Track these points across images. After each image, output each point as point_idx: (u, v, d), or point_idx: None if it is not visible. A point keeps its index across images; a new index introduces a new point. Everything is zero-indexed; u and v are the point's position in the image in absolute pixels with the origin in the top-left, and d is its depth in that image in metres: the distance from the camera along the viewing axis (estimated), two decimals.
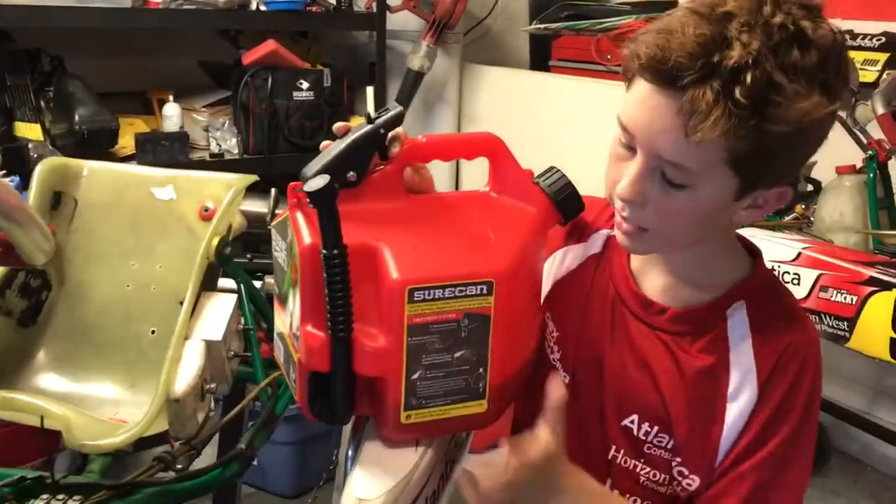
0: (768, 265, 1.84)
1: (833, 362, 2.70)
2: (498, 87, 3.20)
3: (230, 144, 2.83)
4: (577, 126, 2.71)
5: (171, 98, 2.75)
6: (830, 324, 1.79)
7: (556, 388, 0.94)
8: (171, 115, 2.73)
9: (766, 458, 0.90)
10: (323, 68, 2.88)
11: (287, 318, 0.94)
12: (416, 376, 0.87)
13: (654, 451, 0.96)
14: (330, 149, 0.90)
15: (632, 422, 0.98)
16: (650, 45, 0.82)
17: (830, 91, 0.82)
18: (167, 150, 2.64)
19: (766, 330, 0.93)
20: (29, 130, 2.49)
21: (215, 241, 1.31)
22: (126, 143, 2.66)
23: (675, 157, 0.83)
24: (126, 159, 2.64)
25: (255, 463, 2.44)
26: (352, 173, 0.89)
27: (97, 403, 1.35)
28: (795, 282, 1.84)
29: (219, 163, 2.75)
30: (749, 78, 0.78)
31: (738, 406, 0.91)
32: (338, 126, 0.94)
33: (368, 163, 0.91)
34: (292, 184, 0.91)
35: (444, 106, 3.26)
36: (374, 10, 2.93)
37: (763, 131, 0.79)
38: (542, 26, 3.04)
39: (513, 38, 3.58)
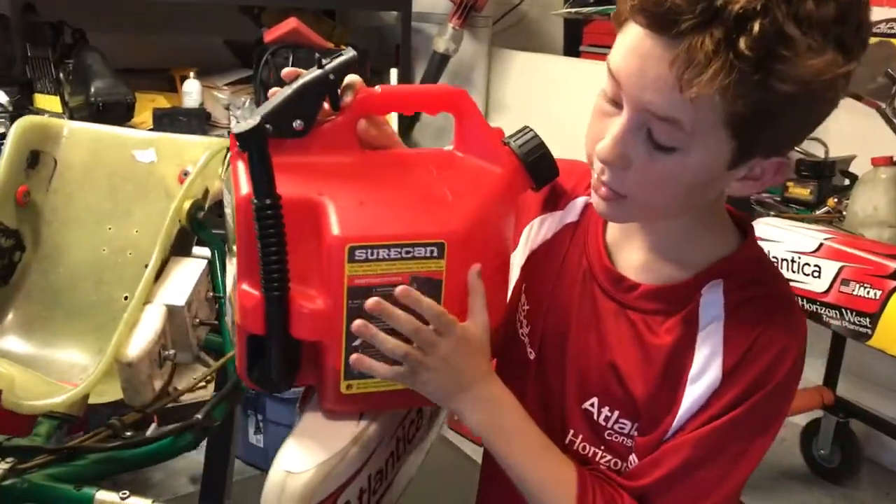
0: (787, 255, 1.74)
1: (864, 366, 2.58)
2: (527, 73, 3.12)
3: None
4: None
5: (191, 75, 2.72)
6: (852, 320, 1.67)
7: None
8: (191, 91, 2.70)
9: (708, 436, 0.80)
10: (345, 47, 2.82)
11: (231, 277, 0.88)
12: (357, 343, 0.81)
13: (615, 437, 0.88)
14: (276, 95, 0.84)
15: (591, 405, 0.89)
16: None
17: (846, 49, 0.71)
18: (185, 126, 2.62)
19: (743, 312, 0.82)
20: (48, 102, 2.49)
21: (187, 205, 1.26)
22: (145, 118, 2.65)
23: (665, 113, 0.73)
24: None
25: (260, 445, 2.44)
26: (298, 122, 0.82)
27: (65, 368, 1.31)
28: (816, 274, 1.72)
29: None
30: (757, 27, 0.67)
31: (697, 389, 0.82)
32: (286, 71, 0.87)
33: (316, 110, 0.83)
34: (233, 132, 0.85)
35: (472, 90, 3.18)
36: None
37: (767, 90, 0.69)
38: (573, 10, 2.94)
39: (547, 23, 3.49)
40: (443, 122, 2.67)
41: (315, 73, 0.82)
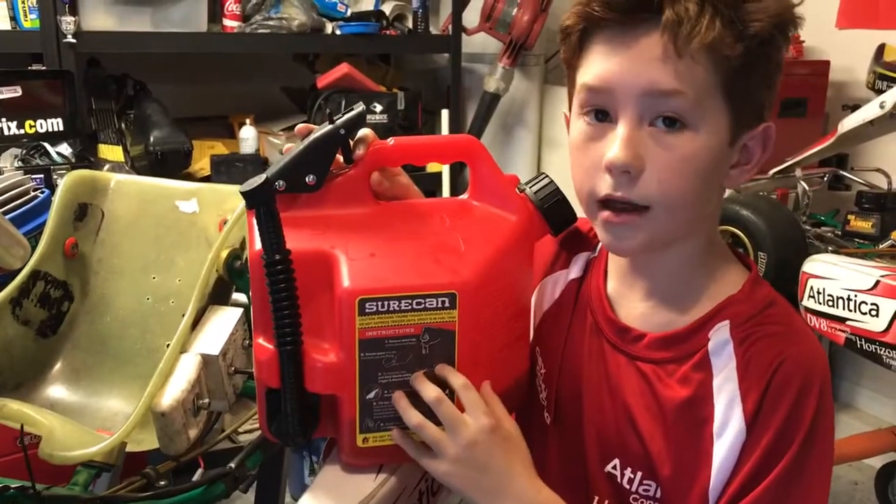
0: (843, 293, 1.68)
1: None
2: None
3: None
4: None
5: (248, 122, 2.79)
6: None
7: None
8: (248, 137, 2.77)
9: (763, 494, 0.76)
10: (397, 91, 2.87)
11: None
12: (371, 396, 0.81)
13: (641, 501, 0.84)
14: (290, 151, 0.85)
15: (614, 467, 0.86)
16: None
17: None
18: (241, 172, 2.68)
19: (753, 347, 0.79)
20: (111, 152, 2.59)
21: (224, 254, 1.28)
22: (204, 164, 2.73)
23: (670, 84, 0.75)
24: (203, 180, 2.70)
25: (306, 483, 2.44)
26: (311, 176, 0.83)
27: (108, 417, 1.34)
28: (873, 313, 1.64)
29: None
30: None
31: (725, 443, 0.78)
32: (300, 127, 0.89)
33: (328, 165, 0.84)
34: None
35: (524, 129, 3.19)
36: (450, 32, 2.90)
37: (747, 33, 0.74)
38: None
39: None
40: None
41: (326, 128, 0.83)
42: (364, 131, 0.86)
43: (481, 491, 0.78)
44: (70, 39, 2.33)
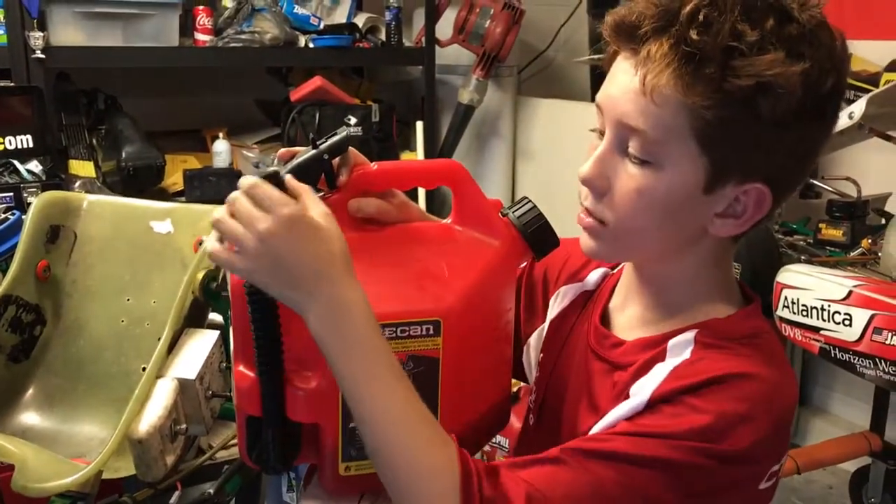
0: (816, 304, 1.69)
1: None
2: (553, 120, 3.11)
3: None
4: None
5: (221, 135, 2.77)
6: (886, 370, 1.61)
7: None
8: (221, 151, 2.75)
9: (587, 442, 0.75)
10: (371, 104, 2.86)
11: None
12: (354, 424, 0.79)
13: None
14: None
15: None
16: (618, 11, 0.77)
17: (806, 60, 0.72)
18: (215, 186, 2.66)
19: (711, 352, 0.78)
20: (81, 168, 2.56)
21: (200, 276, 1.26)
22: (176, 179, 2.70)
23: (636, 121, 0.75)
24: (176, 195, 2.68)
25: (285, 500, 2.41)
26: None
27: (82, 443, 1.32)
28: (847, 323, 1.67)
29: None
30: (703, 17, 0.71)
31: (619, 409, 0.77)
32: (281, 152, 0.88)
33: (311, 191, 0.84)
34: None
35: (498, 140, 3.20)
36: (424, 44, 2.90)
37: (724, 89, 0.71)
38: (597, 56, 2.94)
39: (576, 70, 3.49)
40: None
41: (310, 153, 0.83)
42: (350, 152, 0.85)
43: (289, 285, 0.71)
44: (39, 55, 2.30)
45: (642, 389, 0.77)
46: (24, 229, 1.34)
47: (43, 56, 2.31)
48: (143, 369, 1.38)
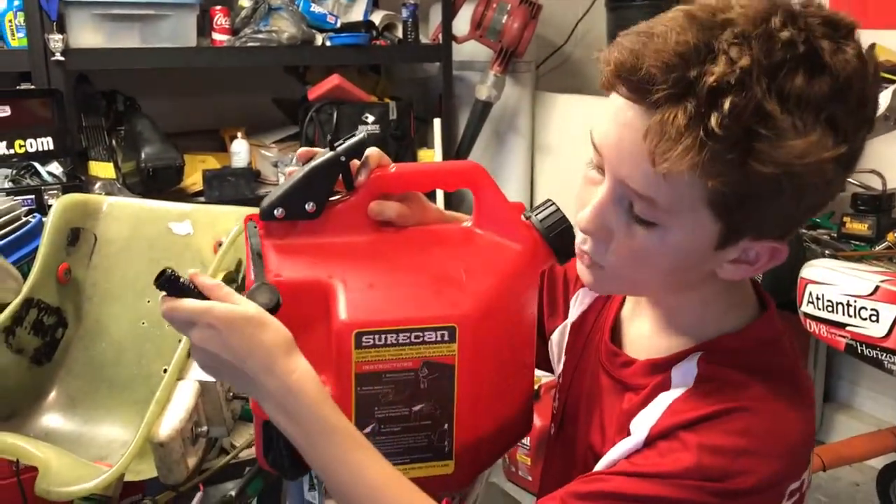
0: (842, 299, 1.67)
1: None
2: (572, 116, 3.09)
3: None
4: None
5: (239, 135, 2.77)
6: None
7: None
8: (239, 151, 2.75)
9: (584, 483, 0.73)
10: (389, 101, 2.86)
11: None
12: (367, 430, 0.79)
13: None
14: (290, 178, 0.84)
15: None
16: (624, 50, 0.68)
17: (839, 130, 0.65)
18: (233, 186, 2.66)
19: (707, 388, 0.74)
20: (101, 169, 2.57)
21: (219, 277, 1.26)
22: (196, 179, 2.71)
23: (642, 189, 0.69)
24: (196, 195, 2.69)
25: (315, 502, 2.42)
26: (310, 204, 0.82)
27: (104, 445, 1.32)
28: (874, 318, 1.64)
29: None
30: (728, 104, 0.63)
31: (617, 448, 0.75)
32: (300, 152, 0.87)
33: (328, 193, 0.83)
34: (248, 214, 0.86)
35: (516, 135, 3.18)
36: (441, 41, 2.89)
37: (745, 171, 0.64)
38: None
39: (592, 65, 3.45)
40: None
41: (327, 155, 0.82)
42: (371, 152, 0.84)
43: (238, 382, 0.74)
44: (58, 57, 2.32)
45: (641, 426, 0.75)
46: (45, 232, 1.35)
47: (62, 58, 2.32)
48: (164, 371, 1.38)
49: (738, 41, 0.65)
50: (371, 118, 2.79)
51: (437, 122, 2.94)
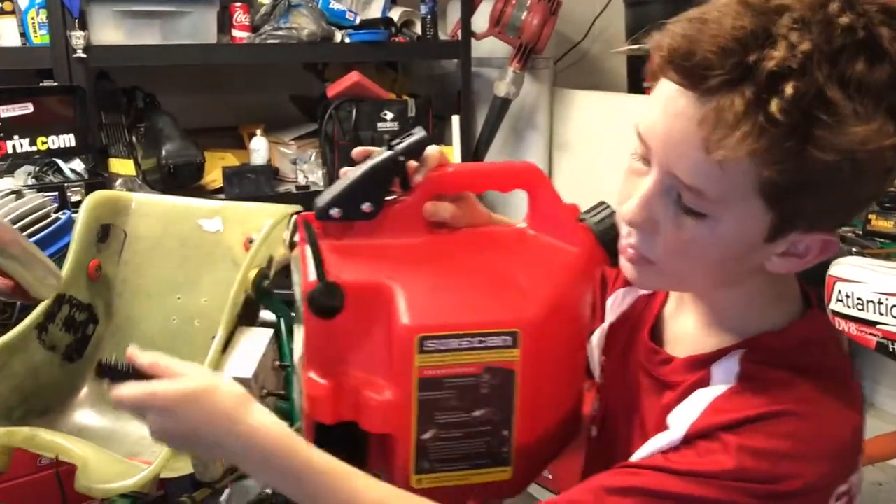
0: (873, 297, 1.65)
1: None
2: (590, 112, 3.08)
3: (316, 177, 2.83)
4: None
5: (258, 132, 2.77)
6: None
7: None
8: (258, 148, 2.75)
9: (612, 477, 0.72)
10: (408, 99, 2.85)
11: (298, 347, 0.87)
12: (427, 436, 0.78)
13: None
14: (346, 177, 0.83)
15: None
16: (677, 36, 0.67)
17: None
18: (253, 183, 2.66)
19: (753, 382, 0.72)
20: (122, 166, 2.57)
21: (252, 274, 1.26)
22: (215, 176, 2.71)
23: (693, 180, 0.68)
24: (215, 192, 2.68)
25: None
26: (367, 204, 0.81)
27: (136, 441, 1.32)
28: None
29: (304, 195, 2.74)
30: (790, 88, 0.61)
31: (654, 442, 0.74)
32: (356, 151, 0.86)
33: (385, 193, 0.82)
34: (303, 214, 0.84)
35: (535, 132, 3.17)
36: (459, 37, 2.88)
37: (804, 158, 0.63)
38: (635, 47, 2.90)
39: (611, 61, 3.46)
40: None
41: (385, 154, 0.81)
42: (431, 152, 0.82)
43: (209, 452, 0.80)
44: (80, 55, 2.32)
45: (679, 421, 0.73)
46: (76, 229, 1.35)
47: (84, 55, 2.32)
48: None
49: (798, 26, 0.63)
50: (390, 115, 2.79)
51: (455, 120, 2.93)
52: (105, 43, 2.40)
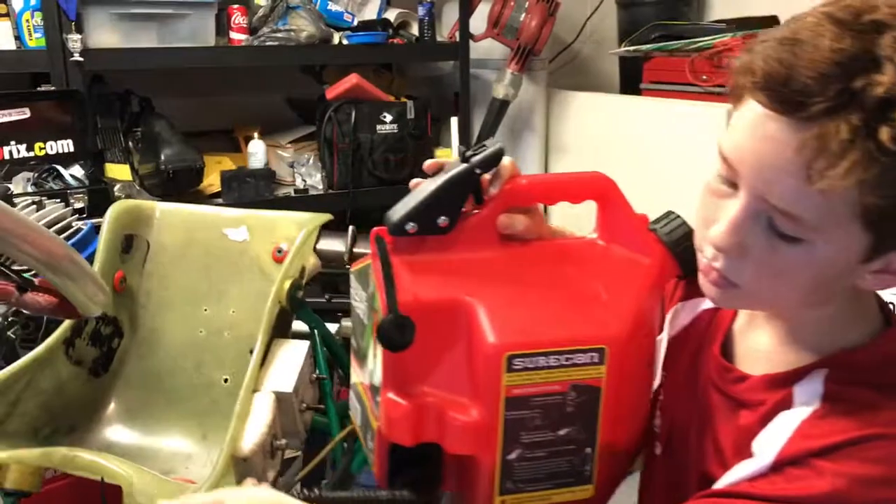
0: None
1: None
2: (586, 113, 3.08)
3: (315, 180, 2.80)
4: (672, 151, 2.56)
5: (255, 135, 2.73)
6: None
7: None
8: (256, 151, 2.71)
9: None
10: (406, 101, 2.83)
11: (366, 377, 0.84)
12: (513, 456, 0.76)
13: None
14: (418, 190, 0.81)
15: None
16: (770, 59, 0.64)
17: None
18: (252, 187, 2.62)
19: (839, 409, 0.70)
20: (118, 171, 2.52)
21: (286, 285, 1.24)
22: (213, 181, 2.66)
23: (789, 206, 0.66)
24: (213, 197, 2.64)
25: None
26: (443, 218, 0.79)
27: (168, 458, 1.29)
28: None
29: (303, 198, 2.71)
30: None
31: (741, 468, 0.73)
32: (428, 164, 0.84)
33: (461, 207, 0.80)
34: (376, 229, 0.81)
35: (531, 134, 3.16)
36: (457, 39, 2.86)
37: None
38: (632, 48, 2.90)
39: (602, 61, 3.46)
40: None
41: (461, 167, 0.79)
42: (505, 163, 0.80)
43: None
44: (77, 58, 2.27)
45: (767, 448, 0.72)
46: (101, 239, 1.32)
47: (81, 59, 2.27)
48: (225, 380, 1.36)
49: None
50: (389, 117, 2.76)
51: (453, 121, 2.91)
52: (101, 46, 2.35)
